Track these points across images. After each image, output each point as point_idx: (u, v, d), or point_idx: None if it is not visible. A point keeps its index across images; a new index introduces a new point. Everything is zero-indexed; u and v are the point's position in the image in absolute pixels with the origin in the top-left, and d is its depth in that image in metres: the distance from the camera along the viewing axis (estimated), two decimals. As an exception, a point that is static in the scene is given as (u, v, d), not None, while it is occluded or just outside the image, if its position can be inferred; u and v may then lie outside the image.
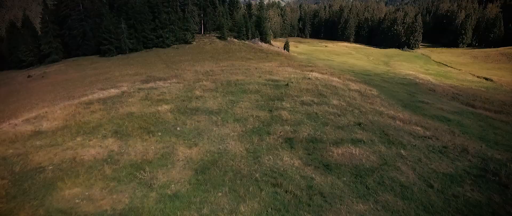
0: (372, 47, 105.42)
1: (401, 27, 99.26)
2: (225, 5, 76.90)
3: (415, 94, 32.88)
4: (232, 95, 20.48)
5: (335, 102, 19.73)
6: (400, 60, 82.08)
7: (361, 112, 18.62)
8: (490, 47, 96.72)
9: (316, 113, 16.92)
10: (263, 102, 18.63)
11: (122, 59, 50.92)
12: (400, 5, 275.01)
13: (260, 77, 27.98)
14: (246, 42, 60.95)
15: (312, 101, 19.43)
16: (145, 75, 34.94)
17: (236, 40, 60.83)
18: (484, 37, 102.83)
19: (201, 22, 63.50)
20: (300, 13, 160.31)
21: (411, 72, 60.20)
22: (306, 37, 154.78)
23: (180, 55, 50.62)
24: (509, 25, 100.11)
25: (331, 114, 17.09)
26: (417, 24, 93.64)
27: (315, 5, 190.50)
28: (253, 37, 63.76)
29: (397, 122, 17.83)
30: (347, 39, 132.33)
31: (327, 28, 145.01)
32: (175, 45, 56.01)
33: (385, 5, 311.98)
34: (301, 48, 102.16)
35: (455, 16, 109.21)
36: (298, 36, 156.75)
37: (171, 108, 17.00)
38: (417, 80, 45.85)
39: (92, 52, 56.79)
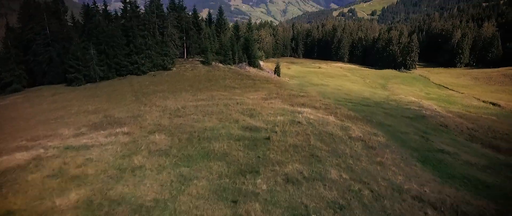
0: (367, 68, 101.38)
1: (397, 47, 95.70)
2: (212, 26, 72.36)
3: (428, 135, 27.18)
4: (187, 162, 14.46)
5: (333, 174, 13.71)
6: (398, 82, 77.47)
7: (373, 193, 12.62)
8: (489, 67, 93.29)
9: (306, 207, 10.89)
10: (227, 180, 12.58)
11: (89, 89, 44.88)
12: (392, 24, 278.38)
13: (237, 122, 22.05)
14: (232, 67, 55.59)
15: (300, 173, 13.42)
16: (102, 115, 28.85)
17: (221, 65, 55.48)
18: (482, 57, 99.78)
19: (183, 46, 58.31)
20: (293, 32, 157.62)
21: (412, 98, 55.12)
22: (299, 57, 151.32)
23: (155, 84, 44.81)
24: (506, 44, 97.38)
25: (328, 206, 11.06)
26: (413, 43, 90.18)
27: (308, 24, 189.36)
28: (241, 61, 58.52)
29: (428, 211, 11.86)
30: (341, 59, 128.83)
31: (320, 48, 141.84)
32: (152, 72, 50.32)
33: (377, 22, 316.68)
34: (294, 70, 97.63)
35: (450, 35, 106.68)
36: (291, 56, 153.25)
37: (79, 201, 10.89)
38: (424, 111, 40.41)
39: (59, 80, 50.71)
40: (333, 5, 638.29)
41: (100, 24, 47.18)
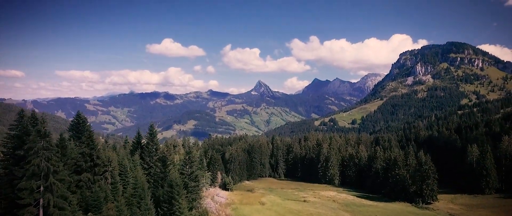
0: (370, 201, 73.99)
1: (405, 171, 71.89)
2: (135, 156, 47.26)
3: None
4: None
5: None
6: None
7: None
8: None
9: None
10: None
11: None
12: (377, 133, 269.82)
13: None
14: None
15: None
16: None
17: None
18: (509, 180, 77.03)
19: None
20: (272, 147, 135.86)
21: None
22: (280, 177, 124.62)
23: None
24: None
25: None
26: (428, 167, 66.93)
27: (289, 138, 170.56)
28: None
29: None
30: (330, 182, 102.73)
31: (304, 167, 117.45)
32: None
33: (358, 133, 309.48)
34: (268, 203, 69.12)
35: (460, 148, 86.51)
36: (270, 176, 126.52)
37: None
38: None
39: None
40: (314, 115, 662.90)
41: None
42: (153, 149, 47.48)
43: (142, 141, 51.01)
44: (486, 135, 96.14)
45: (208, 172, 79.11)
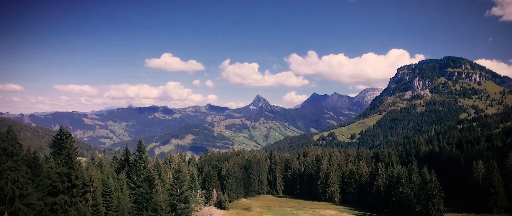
0: (373, 220, 70.10)
1: (409, 189, 68.52)
2: (122, 173, 44.08)
3: None
4: None
5: None
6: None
7: None
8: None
9: None
10: None
11: None
12: (377, 147, 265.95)
13: None
14: None
15: None
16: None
17: None
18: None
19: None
20: (270, 163, 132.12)
21: None
22: (278, 194, 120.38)
23: None
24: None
25: None
26: (433, 185, 63.70)
27: (288, 153, 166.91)
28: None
29: None
30: (330, 199, 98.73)
31: (303, 183, 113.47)
32: None
33: (357, 147, 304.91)
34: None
35: (462, 164, 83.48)
36: (268, 193, 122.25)
37: None
38: None
39: None
40: (313, 130, 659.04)
41: None
42: (141, 167, 44.36)
43: (130, 158, 47.93)
44: (489, 150, 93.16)
45: (202, 190, 75.29)
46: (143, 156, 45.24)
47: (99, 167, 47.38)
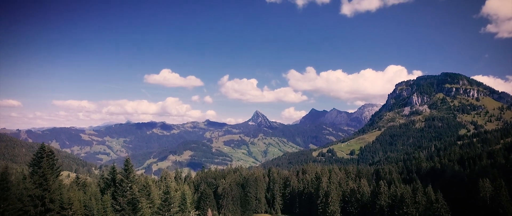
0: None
1: (414, 210, 65.11)
2: (107, 193, 40.98)
3: None
4: None
5: None
6: None
7: None
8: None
9: None
10: None
11: None
12: (377, 164, 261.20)
13: None
14: None
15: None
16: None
17: None
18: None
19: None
20: (269, 180, 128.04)
21: None
22: (277, 213, 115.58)
23: None
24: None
25: None
26: (440, 205, 60.50)
27: (287, 170, 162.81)
28: None
29: None
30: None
31: (303, 202, 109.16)
32: None
33: (357, 163, 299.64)
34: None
35: (472, 183, 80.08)
36: (266, 211, 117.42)
37: None
38: None
39: None
40: (312, 146, 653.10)
41: None
42: (128, 188, 41.28)
43: (117, 177, 44.93)
44: (493, 168, 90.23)
45: (195, 211, 71.52)
46: (130, 176, 42.26)
47: (83, 187, 44.29)
